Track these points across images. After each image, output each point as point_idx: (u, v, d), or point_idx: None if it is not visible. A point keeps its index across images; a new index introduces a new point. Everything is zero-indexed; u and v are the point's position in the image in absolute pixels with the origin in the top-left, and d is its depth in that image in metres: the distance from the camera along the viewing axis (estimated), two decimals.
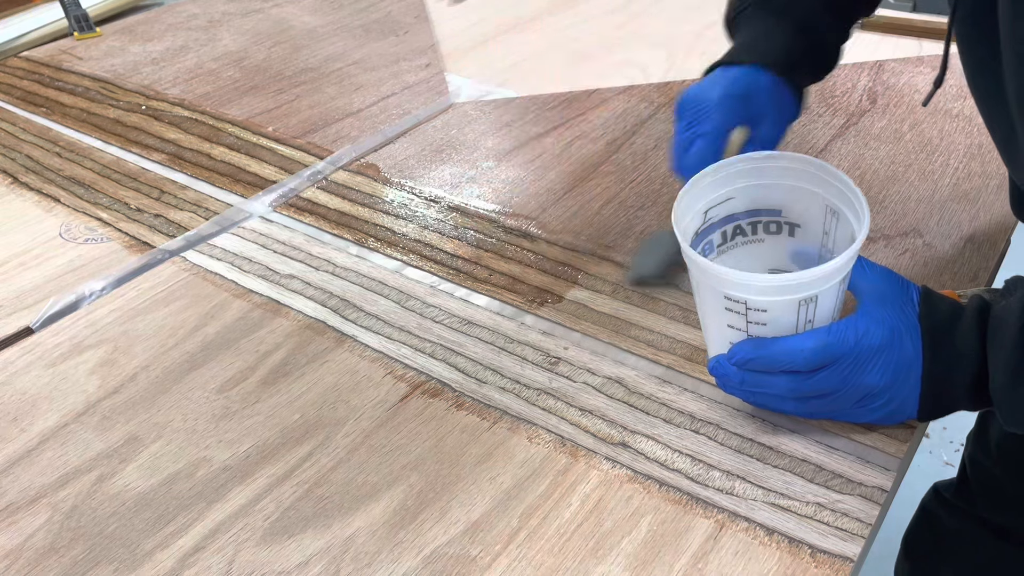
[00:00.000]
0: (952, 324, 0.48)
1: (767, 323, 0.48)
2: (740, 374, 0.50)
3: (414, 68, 1.06)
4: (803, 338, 0.47)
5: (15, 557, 0.48)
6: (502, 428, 0.54)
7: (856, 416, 0.50)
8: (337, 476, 0.52)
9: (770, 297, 0.46)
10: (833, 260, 0.45)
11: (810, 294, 0.46)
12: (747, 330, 0.49)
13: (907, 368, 0.48)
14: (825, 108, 0.90)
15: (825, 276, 0.46)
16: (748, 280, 0.46)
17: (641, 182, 0.79)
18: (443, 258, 0.71)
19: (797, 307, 0.47)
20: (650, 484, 0.50)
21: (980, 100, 0.54)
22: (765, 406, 0.52)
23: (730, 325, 0.49)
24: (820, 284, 0.46)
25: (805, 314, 0.47)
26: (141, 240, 0.75)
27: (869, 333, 0.47)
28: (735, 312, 0.48)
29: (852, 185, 0.48)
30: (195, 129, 0.94)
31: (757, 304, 0.47)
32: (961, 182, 0.76)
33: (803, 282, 0.45)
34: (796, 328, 0.48)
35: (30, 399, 0.59)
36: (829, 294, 0.47)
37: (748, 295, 0.46)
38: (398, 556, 0.47)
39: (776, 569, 0.45)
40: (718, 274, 0.46)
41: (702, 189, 0.52)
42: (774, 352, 0.48)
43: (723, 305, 0.48)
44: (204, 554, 0.47)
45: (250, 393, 0.58)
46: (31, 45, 1.23)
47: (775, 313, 0.47)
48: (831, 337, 0.47)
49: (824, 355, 0.47)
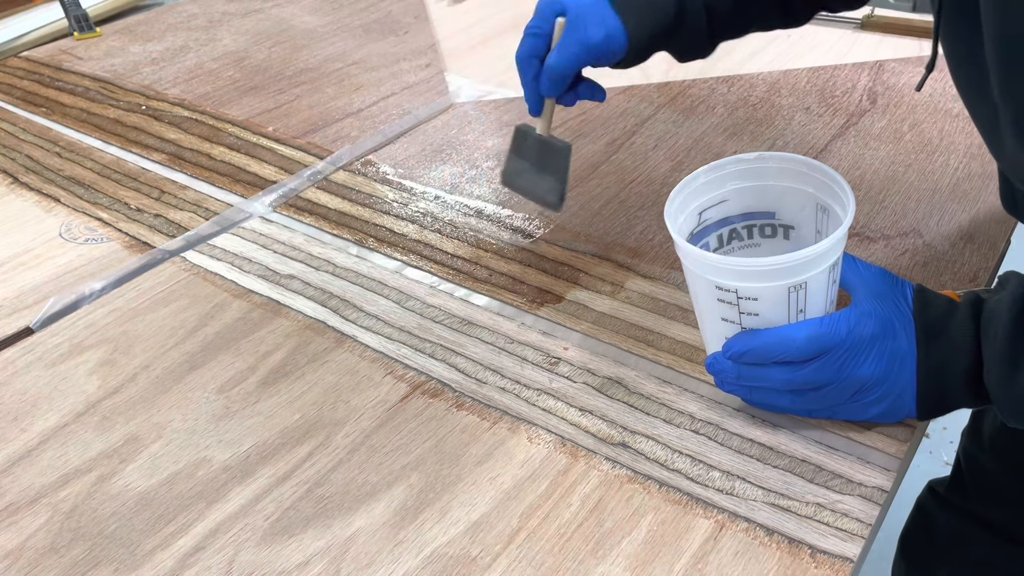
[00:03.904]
0: (946, 318, 0.49)
1: (759, 313, 0.48)
2: (736, 368, 0.50)
3: (414, 68, 1.06)
4: (795, 328, 0.48)
5: (15, 557, 0.48)
6: (502, 428, 0.54)
7: (854, 413, 0.50)
8: (337, 476, 0.52)
9: (759, 283, 0.47)
10: (820, 242, 0.46)
11: (799, 280, 0.46)
12: (740, 322, 0.49)
13: (901, 360, 0.48)
14: (825, 108, 0.90)
15: (812, 259, 0.46)
16: (736, 265, 0.46)
17: (641, 182, 0.79)
18: (443, 258, 0.71)
19: (787, 295, 0.47)
20: (650, 484, 0.50)
21: (963, 90, 0.54)
22: (764, 403, 0.52)
23: (724, 319, 0.49)
24: (808, 269, 0.46)
25: (796, 303, 0.47)
26: (141, 240, 0.75)
27: (862, 324, 0.48)
28: (727, 303, 0.48)
29: (835, 175, 0.49)
30: (195, 129, 0.94)
31: (748, 292, 0.47)
32: (961, 182, 0.76)
33: (791, 266, 0.46)
34: (788, 319, 0.48)
35: (30, 399, 0.59)
36: (819, 282, 0.47)
37: (738, 282, 0.47)
38: (398, 556, 0.47)
39: (776, 569, 0.45)
40: (708, 262, 0.47)
41: (696, 189, 0.53)
42: (767, 342, 0.48)
43: (715, 296, 0.48)
44: (204, 554, 0.47)
45: (250, 393, 0.58)
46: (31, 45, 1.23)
47: (766, 302, 0.47)
48: (823, 328, 0.47)
49: (817, 345, 0.47)
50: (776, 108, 0.90)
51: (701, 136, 0.86)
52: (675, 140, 0.86)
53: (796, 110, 0.90)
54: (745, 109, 0.91)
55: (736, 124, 0.88)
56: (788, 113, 0.89)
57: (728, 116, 0.89)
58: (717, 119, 0.89)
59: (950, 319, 0.49)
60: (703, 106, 0.92)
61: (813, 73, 0.98)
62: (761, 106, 0.91)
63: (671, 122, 0.89)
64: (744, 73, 0.98)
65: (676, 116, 0.90)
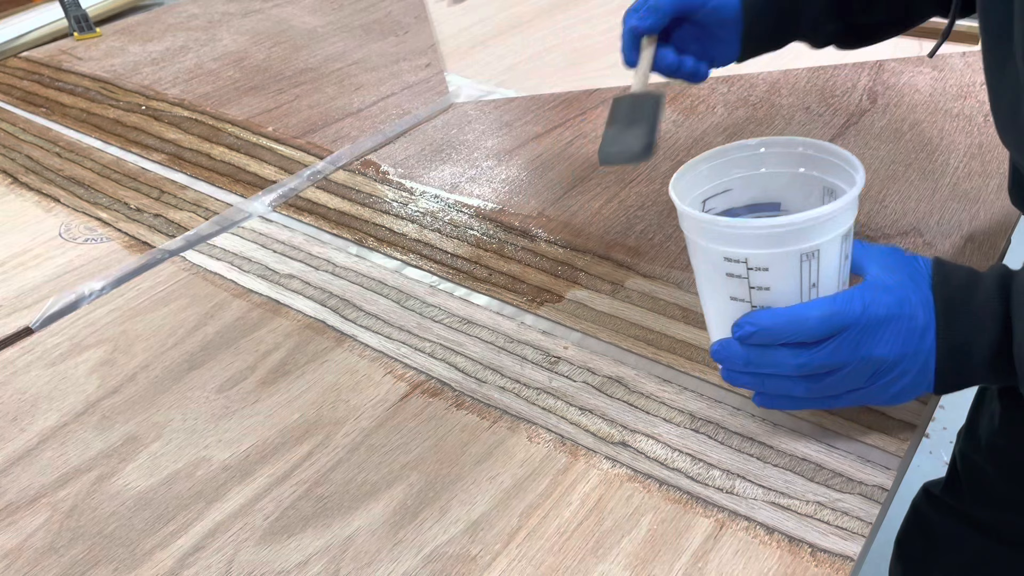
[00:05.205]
0: (969, 290, 0.46)
1: (770, 287, 0.46)
2: (745, 353, 0.48)
3: (414, 68, 1.06)
4: (808, 306, 0.46)
5: (15, 557, 0.48)
6: (502, 427, 0.54)
7: (871, 396, 0.48)
8: (337, 476, 0.52)
9: (771, 249, 0.45)
10: (832, 203, 0.44)
11: (811, 246, 0.45)
12: (750, 299, 0.47)
13: (919, 338, 0.46)
14: (825, 108, 0.90)
15: (825, 221, 0.45)
16: (747, 227, 0.45)
17: (641, 182, 0.79)
18: (443, 257, 0.71)
19: (799, 265, 0.45)
20: (650, 483, 0.50)
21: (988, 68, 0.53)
22: (777, 394, 0.50)
23: (733, 297, 0.48)
24: (821, 233, 0.45)
25: (808, 275, 0.46)
26: (141, 240, 0.75)
27: (876, 301, 0.45)
28: (736, 277, 0.47)
29: (840, 151, 0.48)
30: (195, 129, 0.94)
31: (758, 262, 0.46)
32: (961, 181, 0.76)
33: (803, 227, 0.44)
34: (800, 294, 0.47)
35: (30, 399, 0.59)
36: (831, 252, 0.46)
37: (749, 249, 0.45)
38: (398, 555, 0.47)
39: (776, 568, 0.45)
40: (718, 227, 0.46)
41: (699, 175, 0.51)
42: (778, 322, 0.46)
43: (724, 271, 0.47)
44: (204, 554, 0.47)
45: (250, 393, 0.58)
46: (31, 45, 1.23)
47: (777, 273, 0.46)
48: (837, 305, 0.45)
49: (831, 324, 0.45)
50: (776, 108, 0.90)
51: (701, 136, 0.86)
52: (675, 140, 0.86)
53: (796, 110, 0.90)
54: (745, 109, 0.91)
55: (736, 124, 0.88)
56: (788, 113, 0.89)
57: (728, 116, 0.89)
58: (717, 119, 0.89)
59: (973, 291, 0.46)
60: (703, 106, 0.92)
61: (813, 73, 0.98)
62: (761, 106, 0.91)
63: (671, 122, 0.89)
64: (744, 73, 0.98)
65: (676, 116, 0.90)
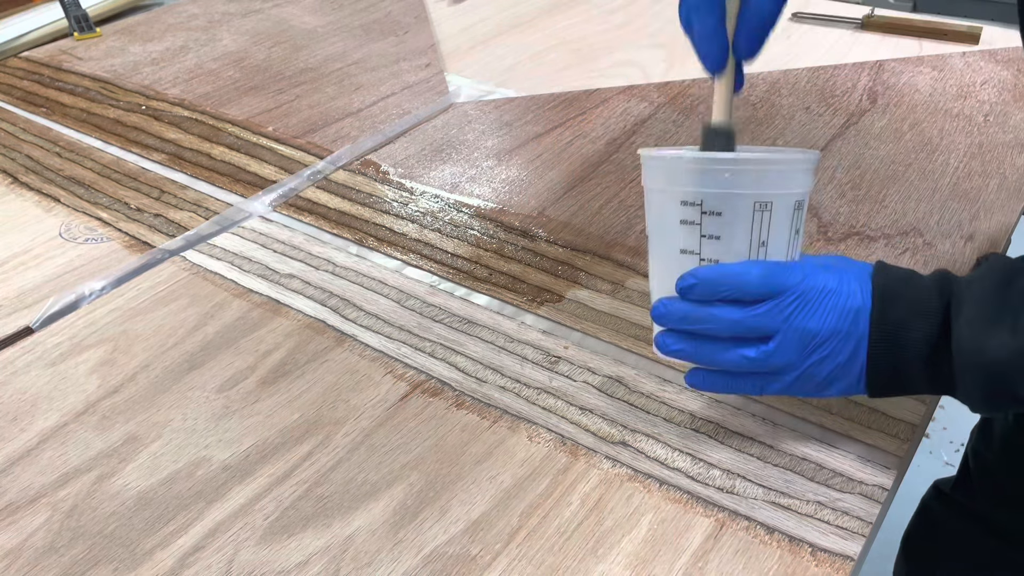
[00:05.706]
0: (908, 283, 0.47)
1: (720, 236, 0.47)
2: (683, 308, 0.47)
3: (414, 68, 1.06)
4: (750, 263, 0.47)
5: (15, 557, 0.48)
6: (502, 427, 0.54)
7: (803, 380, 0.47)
8: (337, 475, 0.52)
9: (727, 188, 0.46)
10: (791, 149, 0.45)
11: (766, 196, 0.46)
12: (700, 251, 0.48)
13: (853, 317, 0.46)
14: (825, 108, 0.90)
15: (781, 166, 0.46)
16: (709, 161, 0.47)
17: (641, 181, 0.79)
18: (443, 257, 0.71)
19: (752, 214, 0.46)
20: (650, 483, 0.50)
21: None
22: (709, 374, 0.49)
23: (683, 250, 0.48)
24: (775, 183, 0.46)
25: (759, 229, 0.47)
26: (141, 240, 0.75)
27: (816, 275, 0.47)
28: (689, 224, 0.47)
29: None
30: (195, 129, 0.94)
31: (713, 205, 0.46)
32: (961, 181, 0.76)
33: (760, 171, 0.46)
34: (749, 250, 0.47)
35: (30, 399, 0.59)
36: (783, 209, 0.47)
37: (706, 188, 0.46)
38: (398, 555, 0.47)
39: (776, 568, 0.45)
40: (682, 163, 0.47)
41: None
42: (721, 272, 0.46)
43: (679, 218, 0.47)
44: (204, 553, 0.47)
45: (250, 392, 0.58)
46: (31, 45, 1.23)
47: (729, 219, 0.47)
48: (778, 267, 0.46)
49: (770, 283, 0.46)
50: (776, 108, 0.90)
51: None
52: (675, 140, 0.86)
53: (796, 110, 0.90)
54: (745, 109, 0.91)
55: (736, 124, 0.88)
56: (788, 112, 0.89)
57: None
58: None
59: (912, 283, 0.47)
60: (703, 106, 0.92)
61: (813, 73, 0.98)
62: (761, 106, 0.91)
63: (671, 122, 0.89)
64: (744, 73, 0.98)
65: (676, 116, 0.90)
